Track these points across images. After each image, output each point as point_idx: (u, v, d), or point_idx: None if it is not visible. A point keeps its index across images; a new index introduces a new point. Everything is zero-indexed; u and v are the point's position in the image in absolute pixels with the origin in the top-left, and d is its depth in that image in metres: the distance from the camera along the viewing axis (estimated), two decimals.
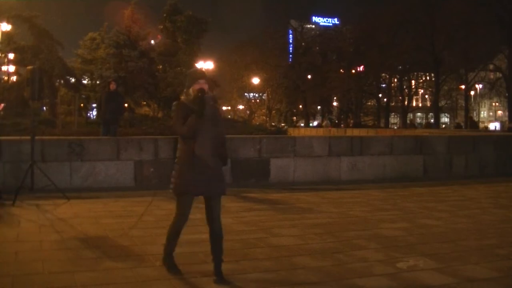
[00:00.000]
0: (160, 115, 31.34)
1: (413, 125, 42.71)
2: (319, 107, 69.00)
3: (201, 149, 4.27)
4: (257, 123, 47.63)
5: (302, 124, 61.68)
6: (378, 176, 11.77)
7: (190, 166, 4.27)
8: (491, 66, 48.30)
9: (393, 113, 63.77)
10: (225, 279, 4.37)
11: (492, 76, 54.99)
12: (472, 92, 59.26)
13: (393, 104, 59.61)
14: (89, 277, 4.41)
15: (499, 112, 72.06)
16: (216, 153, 4.36)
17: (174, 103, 4.47)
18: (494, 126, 67.19)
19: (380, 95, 59.40)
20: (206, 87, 4.40)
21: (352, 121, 54.53)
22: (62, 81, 29.44)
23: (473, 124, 37.49)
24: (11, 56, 28.33)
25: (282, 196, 9.26)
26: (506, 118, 47.83)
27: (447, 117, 74.38)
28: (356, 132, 32.92)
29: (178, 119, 4.30)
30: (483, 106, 79.12)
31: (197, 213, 5.29)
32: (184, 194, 4.37)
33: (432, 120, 53.31)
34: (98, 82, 30.39)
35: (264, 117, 64.13)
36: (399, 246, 5.67)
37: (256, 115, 69.35)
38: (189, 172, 4.28)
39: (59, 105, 27.82)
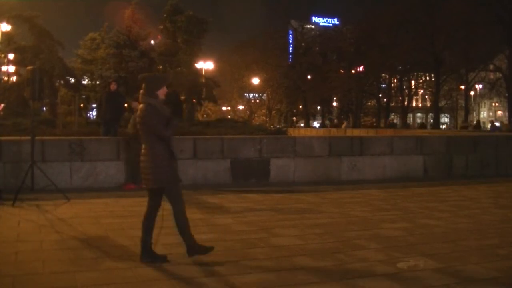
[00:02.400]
0: None
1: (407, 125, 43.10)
2: (319, 107, 69.00)
3: (173, 145, 4.88)
4: (257, 123, 47.59)
5: (302, 124, 61.65)
6: (378, 176, 11.77)
7: (170, 160, 4.81)
8: (491, 66, 48.28)
9: (393, 113, 63.77)
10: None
11: (492, 76, 54.96)
12: (472, 92, 59.27)
13: (393, 104, 59.62)
14: (90, 277, 4.42)
15: (499, 112, 72.03)
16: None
17: (146, 107, 4.77)
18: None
19: (380, 95, 59.40)
20: None
21: (374, 120, 54.12)
22: (62, 81, 29.46)
23: (435, 125, 41.50)
24: (11, 56, 28.33)
25: (282, 196, 9.26)
26: (506, 118, 47.83)
27: (447, 117, 74.36)
28: (356, 132, 32.91)
29: (159, 122, 4.71)
30: (483, 106, 79.11)
31: (198, 213, 5.30)
32: (177, 183, 4.89)
33: (402, 121, 53.56)
34: (98, 82, 30.42)
35: (264, 118, 64.12)
36: (399, 246, 5.67)
37: (256, 115, 69.36)
38: (171, 164, 4.82)
39: (59, 105, 27.83)
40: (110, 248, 5.37)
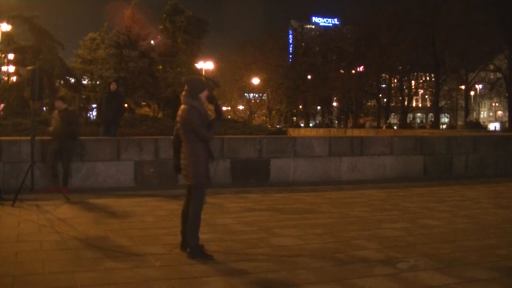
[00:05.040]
0: (160, 115, 31.33)
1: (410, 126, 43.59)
2: (319, 107, 69.03)
3: (211, 146, 5.17)
4: (257, 124, 47.60)
5: (302, 125, 61.66)
6: (378, 176, 11.77)
7: (207, 159, 5.11)
8: (491, 66, 48.28)
9: (393, 113, 63.77)
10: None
11: (492, 76, 54.97)
12: (472, 93, 59.31)
13: (393, 104, 59.61)
14: (90, 277, 4.41)
15: (499, 112, 72.04)
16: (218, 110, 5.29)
17: (189, 108, 5.02)
18: (494, 126, 67.19)
19: (380, 95, 59.39)
20: None
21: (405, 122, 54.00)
22: (62, 81, 29.41)
23: (404, 125, 42.65)
24: (11, 56, 28.31)
25: (282, 196, 9.26)
26: (506, 119, 47.87)
27: (447, 117, 74.39)
28: (356, 132, 32.93)
29: (201, 125, 4.97)
30: (483, 106, 79.14)
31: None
32: (209, 182, 5.15)
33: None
34: (98, 82, 30.39)
35: (264, 118, 64.13)
36: (399, 246, 5.67)
37: (256, 115, 69.38)
38: (207, 165, 5.11)
39: None
40: (110, 248, 5.36)
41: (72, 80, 30.28)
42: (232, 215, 7.25)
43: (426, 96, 76.80)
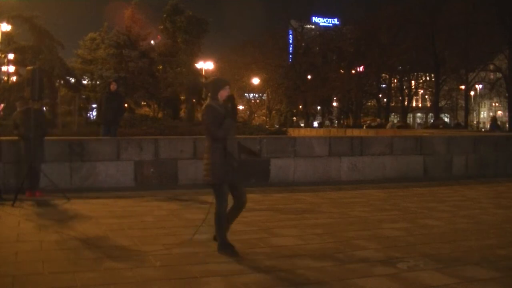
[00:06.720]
0: (160, 115, 31.36)
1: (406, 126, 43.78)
2: (319, 107, 69.03)
3: (232, 146, 5.17)
4: (257, 124, 47.62)
5: (302, 125, 61.67)
6: (378, 176, 11.76)
7: (224, 160, 5.09)
8: (491, 66, 48.29)
9: (393, 113, 63.78)
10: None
11: (492, 76, 54.99)
12: (472, 93, 59.32)
13: (393, 104, 59.62)
14: (90, 277, 4.41)
15: (499, 112, 72.01)
16: (239, 148, 5.38)
17: (205, 107, 5.21)
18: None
19: (380, 95, 59.40)
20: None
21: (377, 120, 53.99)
22: (62, 81, 29.46)
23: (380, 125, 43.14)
24: (11, 56, 28.35)
25: (282, 196, 9.26)
26: (506, 119, 47.86)
27: (447, 117, 74.42)
28: (356, 132, 32.92)
29: (213, 122, 5.06)
30: (483, 106, 79.12)
31: (198, 213, 5.30)
32: (224, 183, 5.14)
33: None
34: (98, 82, 30.43)
35: (264, 118, 64.14)
36: (399, 246, 5.66)
37: (256, 115, 69.38)
38: (224, 165, 5.10)
39: (59, 105, 27.82)
40: (110, 248, 5.36)
41: (72, 80, 30.34)
42: None
43: (426, 96, 76.82)
